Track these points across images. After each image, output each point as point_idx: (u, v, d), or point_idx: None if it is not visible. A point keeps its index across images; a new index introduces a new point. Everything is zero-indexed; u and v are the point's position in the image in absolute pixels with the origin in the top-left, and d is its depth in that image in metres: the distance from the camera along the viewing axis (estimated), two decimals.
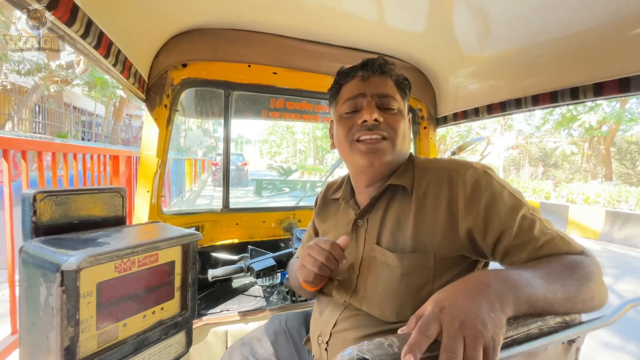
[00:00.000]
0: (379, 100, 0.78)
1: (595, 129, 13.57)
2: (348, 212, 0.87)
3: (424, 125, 1.77)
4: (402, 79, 0.84)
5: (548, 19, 1.00)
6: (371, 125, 0.75)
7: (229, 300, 1.37)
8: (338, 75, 0.86)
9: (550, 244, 0.62)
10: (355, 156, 0.78)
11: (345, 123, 0.80)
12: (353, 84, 0.82)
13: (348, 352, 0.42)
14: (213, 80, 1.41)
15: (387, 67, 0.82)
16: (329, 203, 0.98)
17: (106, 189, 0.80)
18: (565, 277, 0.55)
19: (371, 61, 0.82)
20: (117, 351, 0.65)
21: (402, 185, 0.77)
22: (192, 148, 14.60)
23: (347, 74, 0.84)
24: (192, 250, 0.80)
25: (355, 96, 0.79)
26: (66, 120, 11.63)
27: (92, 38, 0.74)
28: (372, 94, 0.78)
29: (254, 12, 1.24)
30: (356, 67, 0.83)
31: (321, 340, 0.79)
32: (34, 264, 0.59)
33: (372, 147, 0.75)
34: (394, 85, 0.82)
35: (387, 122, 0.76)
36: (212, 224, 1.54)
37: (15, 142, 1.97)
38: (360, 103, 0.79)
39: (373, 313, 0.72)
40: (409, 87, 0.85)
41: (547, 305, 0.51)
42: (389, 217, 0.77)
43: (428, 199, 0.72)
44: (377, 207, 0.80)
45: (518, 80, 1.32)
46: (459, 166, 0.72)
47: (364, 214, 0.81)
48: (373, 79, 0.80)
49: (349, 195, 0.89)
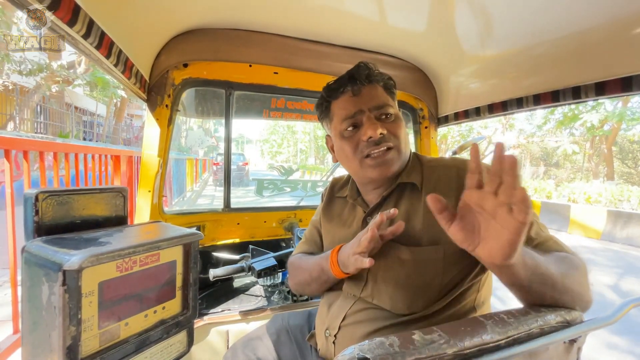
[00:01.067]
0: (377, 112, 0.80)
1: (597, 128, 13.51)
2: (356, 210, 0.89)
3: (425, 124, 1.77)
4: (387, 80, 0.85)
5: (550, 18, 1.00)
6: (377, 139, 0.77)
7: (230, 300, 1.37)
8: (325, 92, 0.86)
9: (544, 245, 0.66)
10: (367, 171, 0.80)
11: (349, 141, 0.81)
12: (345, 101, 0.82)
13: (349, 352, 0.43)
14: (214, 80, 1.41)
15: (373, 75, 0.82)
16: (334, 201, 0.99)
17: (108, 189, 0.80)
18: (559, 262, 0.60)
19: (357, 73, 0.82)
20: (118, 350, 0.65)
21: (411, 182, 0.79)
22: (193, 148, 14.62)
23: (335, 90, 0.84)
24: (194, 249, 0.80)
25: (353, 114, 0.80)
26: (68, 120, 11.66)
27: (93, 38, 0.74)
28: (369, 107, 0.80)
29: (255, 12, 1.24)
30: (343, 82, 0.83)
31: (329, 334, 0.80)
32: (36, 263, 0.59)
33: (382, 160, 0.78)
34: (384, 91, 0.83)
35: (390, 131, 0.79)
36: (214, 224, 1.54)
37: (17, 142, 1.97)
38: (359, 120, 0.80)
39: (384, 306, 0.74)
40: (394, 86, 0.87)
41: (548, 274, 0.56)
42: (399, 213, 0.78)
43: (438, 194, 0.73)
44: (387, 204, 0.82)
45: (519, 79, 1.31)
46: (467, 164, 0.73)
47: (373, 211, 0.83)
48: (364, 91, 0.81)
49: (356, 193, 0.90)
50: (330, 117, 0.86)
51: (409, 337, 0.46)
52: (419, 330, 0.47)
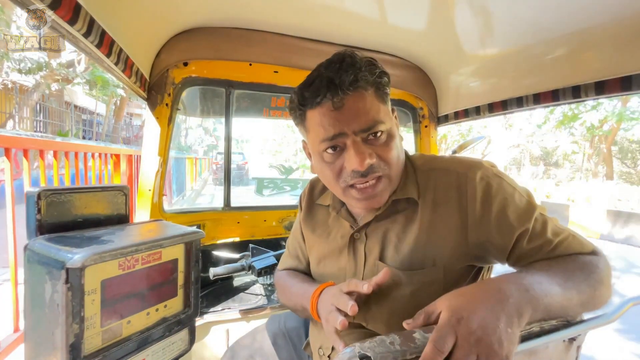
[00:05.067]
0: (364, 134, 0.63)
1: (597, 128, 13.50)
2: (341, 223, 0.78)
3: (425, 124, 1.77)
4: (377, 78, 0.64)
5: (550, 17, 1.00)
6: (365, 171, 0.63)
7: (230, 299, 1.37)
8: (299, 98, 0.67)
9: (563, 244, 0.61)
10: (351, 200, 0.69)
11: (329, 168, 0.67)
12: (323, 115, 0.63)
13: (350, 350, 0.43)
14: (214, 78, 1.41)
15: (360, 77, 0.61)
16: (315, 208, 0.87)
17: (109, 187, 0.81)
18: (581, 282, 0.55)
19: (340, 80, 0.60)
20: (121, 348, 0.66)
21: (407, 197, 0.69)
22: (193, 147, 14.61)
23: (310, 99, 0.64)
24: (195, 248, 0.80)
25: (333, 137, 0.63)
26: (67, 119, 11.63)
27: (94, 37, 0.74)
28: (354, 130, 0.62)
29: (255, 10, 1.24)
30: (321, 89, 0.62)
31: (322, 353, 0.77)
32: (39, 261, 0.59)
33: (368, 193, 0.65)
34: (374, 98, 0.64)
35: (380, 157, 0.64)
36: (214, 223, 1.54)
37: (17, 141, 1.97)
38: (341, 142, 0.64)
39: (380, 332, 0.68)
40: (388, 83, 0.67)
41: (561, 312, 0.51)
42: (393, 230, 0.70)
43: (436, 207, 0.66)
44: (378, 222, 0.72)
45: (519, 78, 1.31)
46: (467, 168, 0.66)
47: (362, 229, 0.73)
48: (348, 104, 0.61)
49: (339, 203, 0.79)
50: (306, 128, 0.70)
51: (410, 335, 0.46)
52: (420, 329, 0.47)
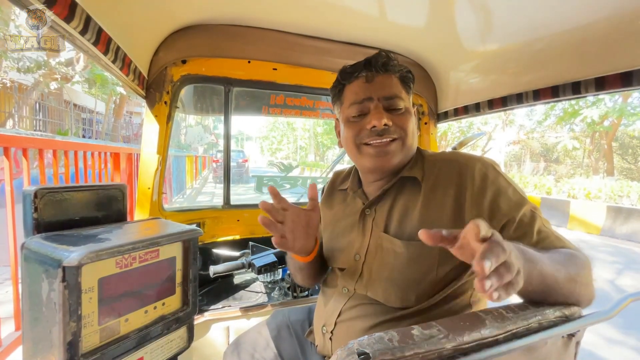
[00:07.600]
0: (386, 102, 0.77)
1: (597, 124, 13.47)
2: (355, 202, 0.88)
3: (425, 120, 1.76)
4: (405, 73, 0.82)
5: (549, 13, 0.99)
6: (381, 130, 0.75)
7: (230, 296, 1.38)
8: (340, 75, 0.84)
9: (546, 241, 0.65)
10: (364, 159, 0.79)
11: (352, 127, 0.80)
12: (357, 86, 0.80)
13: (349, 347, 0.43)
14: (213, 76, 1.41)
15: (390, 64, 0.80)
16: (335, 193, 0.99)
17: (107, 186, 0.80)
18: (566, 261, 0.59)
19: (374, 60, 0.79)
20: (119, 346, 0.66)
21: (412, 176, 0.78)
22: (192, 145, 14.58)
23: (350, 74, 0.82)
24: (193, 246, 0.80)
25: (362, 100, 0.78)
26: (67, 117, 11.62)
27: (91, 34, 0.73)
28: (379, 97, 0.77)
29: (253, 7, 1.23)
30: (359, 67, 0.81)
31: (325, 330, 0.81)
32: (36, 260, 0.59)
33: (382, 149, 0.76)
34: (399, 82, 0.80)
35: (396, 124, 0.76)
36: (213, 221, 1.54)
37: (16, 140, 1.97)
38: (367, 107, 0.78)
39: (378, 298, 0.74)
40: (412, 80, 0.84)
41: (554, 282, 0.55)
42: (397, 207, 0.78)
43: (437, 189, 0.74)
44: (386, 197, 0.81)
45: (519, 75, 1.31)
46: (468, 159, 0.74)
47: (372, 204, 0.83)
48: (378, 79, 0.79)
49: (357, 185, 0.90)
50: (342, 101, 0.84)
51: (408, 332, 0.46)
52: (418, 325, 0.47)
